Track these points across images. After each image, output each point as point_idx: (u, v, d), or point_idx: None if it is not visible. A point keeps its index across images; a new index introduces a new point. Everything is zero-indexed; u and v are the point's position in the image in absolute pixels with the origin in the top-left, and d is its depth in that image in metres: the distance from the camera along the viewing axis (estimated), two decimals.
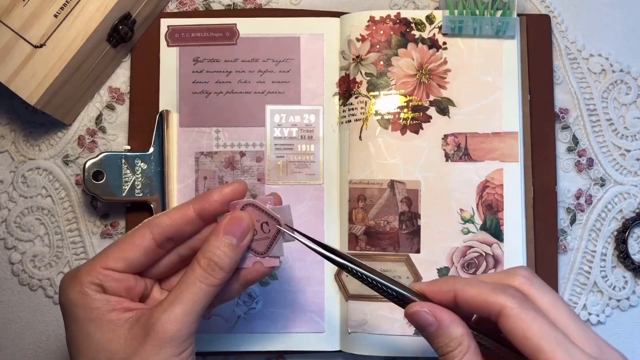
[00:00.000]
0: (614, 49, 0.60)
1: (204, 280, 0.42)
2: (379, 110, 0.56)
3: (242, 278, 0.45)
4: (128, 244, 0.43)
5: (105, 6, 0.53)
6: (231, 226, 0.43)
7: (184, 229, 0.44)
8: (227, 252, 0.42)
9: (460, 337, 0.39)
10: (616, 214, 0.58)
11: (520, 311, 0.38)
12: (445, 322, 0.40)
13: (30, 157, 0.59)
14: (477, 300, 0.39)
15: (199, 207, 0.44)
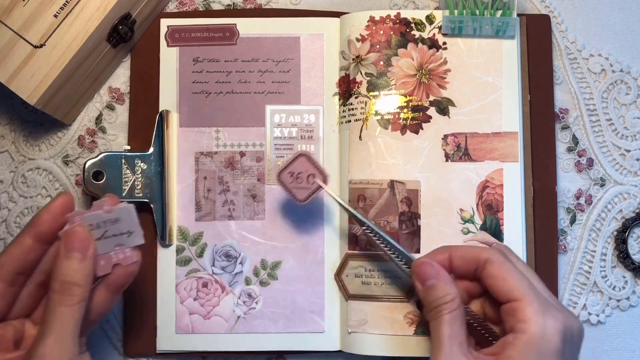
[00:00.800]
0: (614, 49, 0.60)
1: (63, 303, 0.42)
2: (379, 110, 0.56)
3: (113, 285, 0.46)
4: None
5: (105, 6, 0.53)
6: (71, 242, 0.43)
7: (28, 259, 0.44)
8: (77, 268, 0.43)
9: (454, 295, 0.45)
10: (616, 214, 0.58)
11: (503, 261, 0.46)
12: (446, 278, 0.46)
13: (30, 157, 0.59)
14: (469, 254, 0.47)
15: (33, 232, 0.44)
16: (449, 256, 0.48)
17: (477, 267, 0.47)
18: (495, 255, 0.46)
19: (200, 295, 0.56)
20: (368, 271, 0.55)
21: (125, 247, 0.45)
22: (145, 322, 0.56)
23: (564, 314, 0.44)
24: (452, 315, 0.45)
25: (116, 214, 0.45)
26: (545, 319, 0.43)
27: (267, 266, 0.56)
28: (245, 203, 0.57)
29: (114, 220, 0.45)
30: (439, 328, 0.45)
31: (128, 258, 0.46)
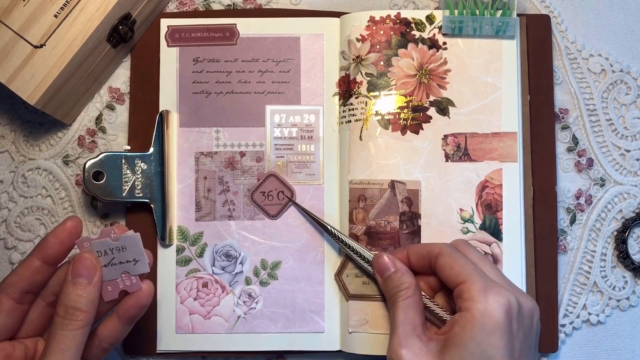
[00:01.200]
0: (614, 49, 0.60)
1: (65, 328, 0.43)
2: (379, 110, 0.56)
3: (124, 316, 0.47)
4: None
5: (105, 6, 0.53)
6: (77, 268, 0.44)
7: (35, 280, 0.45)
8: (82, 294, 0.44)
9: (409, 283, 0.49)
10: (616, 214, 0.58)
11: (452, 252, 0.49)
12: (401, 269, 0.50)
13: (30, 157, 0.59)
14: (423, 250, 0.51)
15: (41, 255, 0.45)
16: (406, 253, 0.52)
17: (430, 261, 0.50)
18: (445, 248, 0.49)
19: (200, 295, 0.56)
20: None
21: (131, 275, 0.46)
22: (145, 322, 0.56)
23: (510, 291, 0.46)
24: (406, 302, 0.48)
25: (122, 242, 0.46)
26: (487, 295, 0.45)
27: (267, 266, 0.56)
28: (245, 203, 0.57)
29: (121, 248, 0.46)
30: (394, 314, 0.48)
31: (134, 285, 0.46)
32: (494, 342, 0.44)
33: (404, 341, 0.47)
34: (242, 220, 0.57)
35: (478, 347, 0.44)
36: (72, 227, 0.46)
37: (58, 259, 0.46)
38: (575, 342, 0.58)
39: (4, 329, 0.45)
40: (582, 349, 0.58)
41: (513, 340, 0.45)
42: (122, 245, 0.46)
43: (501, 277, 0.49)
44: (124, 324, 0.47)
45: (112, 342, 0.47)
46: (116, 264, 0.46)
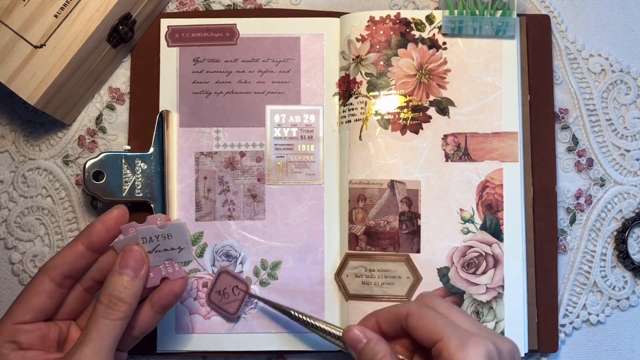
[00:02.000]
0: (614, 49, 0.60)
1: (107, 316, 0.43)
2: (379, 110, 0.56)
3: (157, 304, 0.47)
4: (30, 293, 0.45)
5: (105, 6, 0.53)
6: (126, 260, 0.45)
7: (78, 264, 0.46)
8: (127, 285, 0.44)
9: (385, 351, 0.46)
10: (616, 214, 0.58)
11: (420, 310, 0.46)
12: (373, 339, 0.47)
13: (30, 157, 0.59)
14: (390, 314, 0.48)
15: (86, 241, 0.46)
16: (375, 320, 0.49)
17: (401, 324, 0.47)
18: (412, 307, 0.47)
19: (200, 295, 0.56)
20: (368, 271, 0.55)
21: (174, 262, 0.47)
22: None
23: (486, 337, 0.44)
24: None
25: (168, 230, 0.46)
26: (465, 350, 0.43)
27: (267, 266, 0.56)
28: (245, 203, 0.57)
29: (166, 236, 0.46)
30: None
31: (177, 273, 0.47)
32: None
33: None
34: (242, 220, 0.57)
35: None
36: (118, 216, 0.46)
37: (102, 246, 0.46)
38: (575, 342, 0.58)
39: (43, 310, 0.45)
40: (582, 349, 0.58)
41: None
42: (167, 232, 0.46)
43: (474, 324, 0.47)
44: (156, 312, 0.47)
45: (144, 330, 0.48)
46: (160, 250, 0.46)
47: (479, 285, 0.55)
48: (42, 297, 0.45)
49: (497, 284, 0.55)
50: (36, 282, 0.45)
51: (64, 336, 0.47)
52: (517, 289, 0.55)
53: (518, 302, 0.55)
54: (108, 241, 0.46)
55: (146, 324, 0.47)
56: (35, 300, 0.45)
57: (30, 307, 0.45)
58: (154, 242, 0.46)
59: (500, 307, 0.55)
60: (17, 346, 0.44)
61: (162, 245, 0.46)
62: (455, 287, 0.55)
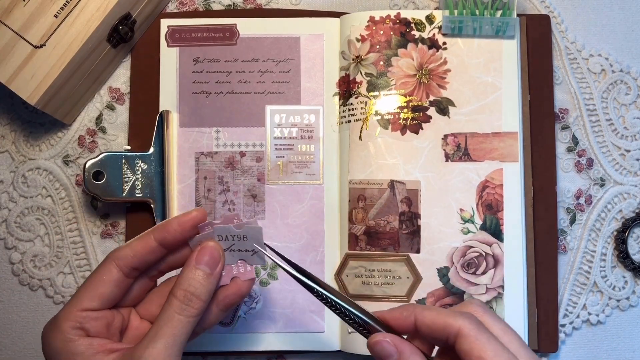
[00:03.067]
0: (614, 49, 0.60)
1: (182, 313, 0.43)
2: (379, 110, 0.56)
3: (222, 302, 0.46)
4: (97, 281, 0.44)
5: (105, 6, 0.53)
6: (202, 256, 0.44)
7: (147, 259, 0.45)
8: (202, 282, 0.44)
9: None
10: (616, 214, 0.58)
11: (477, 332, 0.39)
12: (405, 353, 0.41)
13: (30, 157, 0.59)
14: (437, 323, 0.41)
15: (160, 237, 0.45)
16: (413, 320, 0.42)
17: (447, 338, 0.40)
18: (466, 326, 0.40)
19: None
20: (368, 271, 0.55)
21: (246, 263, 0.46)
22: None
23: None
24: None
25: (245, 231, 0.46)
26: None
27: (267, 266, 0.56)
28: (245, 203, 0.57)
29: (242, 237, 0.46)
30: None
31: (248, 274, 0.46)
32: None
33: None
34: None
35: None
36: (196, 218, 0.45)
37: (175, 245, 0.46)
38: (575, 342, 0.58)
39: (109, 298, 0.45)
40: (582, 349, 0.58)
41: None
42: (244, 234, 0.45)
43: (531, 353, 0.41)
44: (220, 310, 0.47)
45: (205, 327, 0.47)
46: (235, 250, 0.46)
47: (479, 285, 0.55)
48: (109, 285, 0.44)
49: (497, 284, 0.55)
50: (104, 270, 0.45)
51: (125, 324, 0.47)
52: (517, 289, 0.55)
53: (518, 302, 0.55)
54: (181, 241, 0.45)
55: (209, 322, 0.47)
56: (103, 288, 0.44)
57: (97, 295, 0.44)
58: (229, 241, 0.46)
59: (500, 307, 0.55)
60: (84, 333, 0.43)
61: (237, 245, 0.46)
62: (455, 287, 0.55)
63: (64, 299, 0.58)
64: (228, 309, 0.47)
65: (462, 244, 0.55)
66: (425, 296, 0.55)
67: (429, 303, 0.54)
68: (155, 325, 0.43)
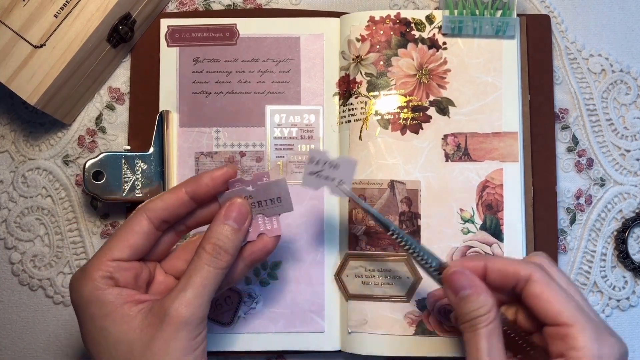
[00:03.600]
0: (614, 49, 0.60)
1: (211, 264, 0.44)
2: (379, 110, 0.56)
3: (248, 258, 0.47)
4: (128, 232, 0.45)
5: (105, 6, 0.53)
6: (231, 212, 0.45)
7: (178, 211, 0.46)
8: (230, 236, 0.45)
9: (491, 306, 0.43)
10: (616, 214, 0.58)
11: (547, 279, 0.43)
12: (481, 289, 0.44)
13: (30, 157, 0.59)
14: (508, 269, 0.44)
15: (191, 190, 0.46)
16: (484, 266, 0.45)
17: (516, 284, 0.44)
18: (537, 273, 0.43)
19: None
20: (368, 271, 0.55)
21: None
22: None
23: (617, 339, 0.42)
24: (489, 329, 0.42)
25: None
26: (600, 347, 0.41)
27: (267, 266, 0.56)
28: None
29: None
30: (476, 343, 0.42)
31: (275, 230, 0.47)
32: None
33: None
34: None
35: None
36: (227, 173, 0.46)
37: (205, 199, 0.46)
38: None
39: (139, 250, 0.45)
40: None
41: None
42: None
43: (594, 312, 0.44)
44: (246, 266, 0.48)
45: (230, 282, 0.48)
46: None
47: None
48: (140, 236, 0.45)
49: None
50: (135, 222, 0.45)
51: (151, 277, 0.47)
52: None
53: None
54: (211, 195, 0.46)
55: (234, 277, 0.48)
56: (134, 239, 0.45)
57: (128, 245, 0.45)
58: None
59: None
60: (113, 282, 0.44)
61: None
62: None
63: (64, 299, 0.58)
64: (254, 265, 0.48)
65: (462, 244, 0.55)
66: (425, 296, 0.55)
67: (429, 304, 0.54)
68: (184, 276, 0.44)
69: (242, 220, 0.45)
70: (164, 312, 0.42)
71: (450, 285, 0.45)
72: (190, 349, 0.43)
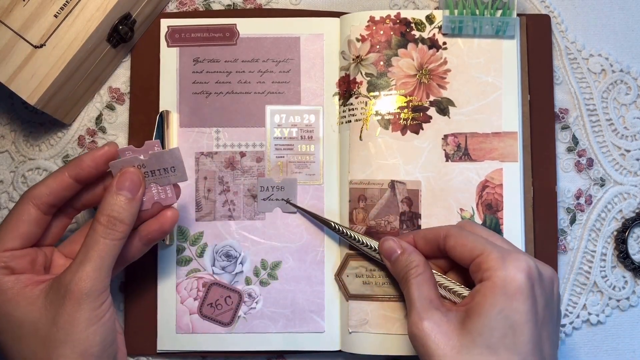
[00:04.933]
0: (614, 49, 0.60)
1: (107, 236, 0.45)
2: (379, 110, 0.56)
3: (145, 237, 0.49)
4: (16, 221, 0.46)
5: (105, 6, 0.53)
6: (123, 182, 0.46)
7: (63, 194, 0.47)
8: (124, 206, 0.46)
9: (418, 261, 0.49)
10: (616, 214, 0.58)
11: (460, 230, 0.49)
12: (408, 249, 0.50)
13: (30, 157, 0.59)
14: (430, 234, 0.51)
15: (74, 173, 0.47)
16: (412, 238, 0.52)
17: (439, 245, 0.50)
18: (452, 229, 0.50)
19: (200, 295, 0.56)
20: (368, 271, 0.55)
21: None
22: (145, 322, 0.56)
23: (527, 256, 0.46)
24: (418, 279, 0.48)
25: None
26: (506, 262, 0.45)
27: (267, 266, 0.56)
28: (245, 203, 0.57)
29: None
30: (409, 292, 0.48)
31: (169, 199, 0.48)
32: (517, 306, 0.43)
33: (424, 314, 0.46)
34: (242, 220, 0.57)
35: (501, 313, 0.43)
36: (108, 152, 0.47)
37: (89, 180, 0.48)
38: (575, 342, 0.58)
39: (30, 237, 0.47)
40: (582, 349, 0.58)
41: (536, 305, 0.44)
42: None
43: (515, 247, 0.49)
44: (143, 245, 0.49)
45: (129, 259, 0.50)
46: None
47: None
48: (28, 224, 0.46)
49: None
50: (22, 210, 0.47)
51: (49, 262, 0.49)
52: None
53: None
54: (95, 176, 0.48)
55: (132, 255, 0.49)
56: (23, 228, 0.46)
57: (18, 234, 0.46)
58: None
59: None
60: (10, 271, 0.45)
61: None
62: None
63: None
64: (150, 244, 0.50)
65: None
66: None
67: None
68: (82, 250, 0.45)
69: (135, 189, 0.46)
70: (65, 288, 0.43)
71: (384, 252, 0.51)
72: (95, 319, 0.44)
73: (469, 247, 0.47)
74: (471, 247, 0.47)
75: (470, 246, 0.47)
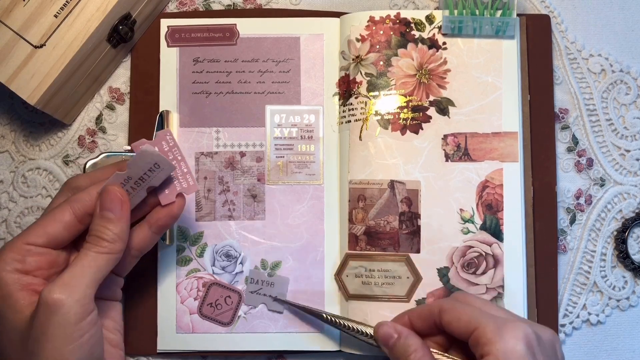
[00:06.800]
0: (613, 49, 0.60)
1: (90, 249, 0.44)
2: (379, 110, 0.56)
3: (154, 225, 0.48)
4: (49, 219, 0.46)
5: (105, 6, 0.53)
6: (105, 202, 0.45)
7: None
8: (108, 226, 0.45)
9: (417, 344, 0.47)
10: (616, 214, 0.58)
11: (453, 303, 0.48)
12: (404, 333, 0.48)
13: (30, 157, 0.59)
14: (423, 311, 0.49)
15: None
16: (407, 318, 0.50)
17: (434, 321, 0.48)
18: (446, 303, 0.48)
19: (200, 295, 0.56)
20: (368, 271, 0.55)
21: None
22: (145, 322, 0.56)
23: (524, 322, 0.45)
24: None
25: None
26: (503, 333, 0.44)
27: (267, 266, 0.56)
28: (245, 203, 0.57)
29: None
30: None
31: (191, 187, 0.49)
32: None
33: None
34: (242, 220, 0.57)
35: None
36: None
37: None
38: (575, 342, 0.58)
39: (57, 239, 0.46)
40: (582, 349, 0.58)
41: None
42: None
43: (511, 314, 0.48)
44: (154, 233, 0.49)
45: (141, 249, 0.49)
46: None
47: (479, 285, 0.55)
48: (59, 226, 0.45)
49: (497, 284, 0.55)
50: (58, 211, 0.46)
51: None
52: (517, 289, 0.55)
53: (518, 302, 0.55)
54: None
55: (144, 244, 0.49)
56: (53, 228, 0.45)
57: (45, 233, 0.45)
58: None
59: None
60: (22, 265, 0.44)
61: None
62: (455, 287, 0.55)
63: None
64: (162, 231, 0.49)
65: (462, 244, 0.55)
66: (425, 296, 0.55)
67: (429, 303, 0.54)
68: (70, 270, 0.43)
69: (116, 207, 0.45)
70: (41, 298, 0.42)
71: (381, 339, 0.49)
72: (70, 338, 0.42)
73: (464, 321, 0.46)
74: (466, 320, 0.46)
75: (465, 320, 0.46)
